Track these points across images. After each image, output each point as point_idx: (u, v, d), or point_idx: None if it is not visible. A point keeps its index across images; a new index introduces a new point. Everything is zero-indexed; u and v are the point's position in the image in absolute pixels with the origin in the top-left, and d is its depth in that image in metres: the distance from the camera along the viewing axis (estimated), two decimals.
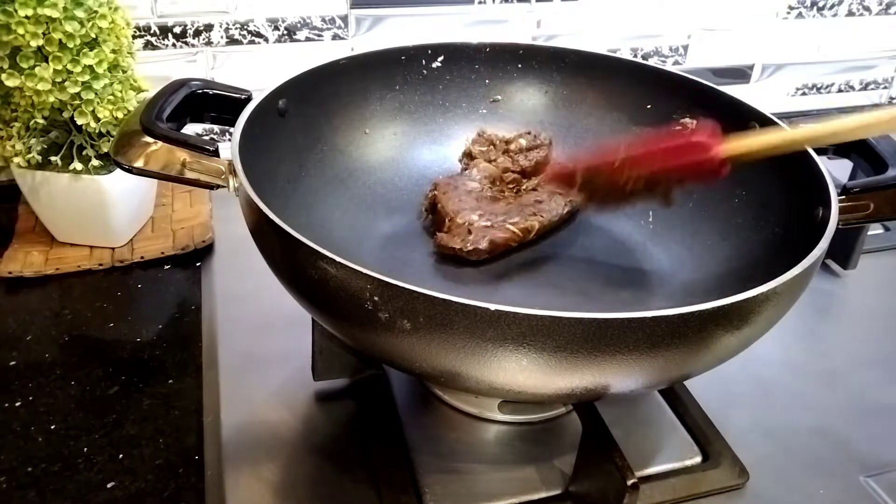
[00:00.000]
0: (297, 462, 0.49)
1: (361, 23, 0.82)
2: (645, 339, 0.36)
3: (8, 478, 0.47)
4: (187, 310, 0.62)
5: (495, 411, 0.52)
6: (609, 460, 0.43)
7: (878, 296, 0.70)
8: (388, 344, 0.40)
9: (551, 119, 0.68)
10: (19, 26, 0.55)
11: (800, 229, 0.49)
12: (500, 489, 0.48)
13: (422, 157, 0.66)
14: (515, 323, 0.35)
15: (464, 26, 0.85)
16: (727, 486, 0.49)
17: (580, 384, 0.38)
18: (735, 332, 0.39)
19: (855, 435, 0.54)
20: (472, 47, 0.66)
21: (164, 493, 0.47)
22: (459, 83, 0.67)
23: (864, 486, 0.50)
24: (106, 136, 0.63)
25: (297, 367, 0.55)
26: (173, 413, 0.53)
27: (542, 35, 0.89)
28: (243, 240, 0.46)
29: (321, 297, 0.41)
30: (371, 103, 0.64)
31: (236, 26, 0.78)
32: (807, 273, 0.41)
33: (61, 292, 0.64)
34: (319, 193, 0.59)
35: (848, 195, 0.48)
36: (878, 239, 0.76)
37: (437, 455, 0.50)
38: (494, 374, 0.38)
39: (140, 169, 0.47)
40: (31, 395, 0.54)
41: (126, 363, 0.57)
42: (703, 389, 0.55)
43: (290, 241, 0.40)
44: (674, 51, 0.95)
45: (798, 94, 1.06)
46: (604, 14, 0.90)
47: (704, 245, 0.58)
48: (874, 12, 1.02)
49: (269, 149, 0.54)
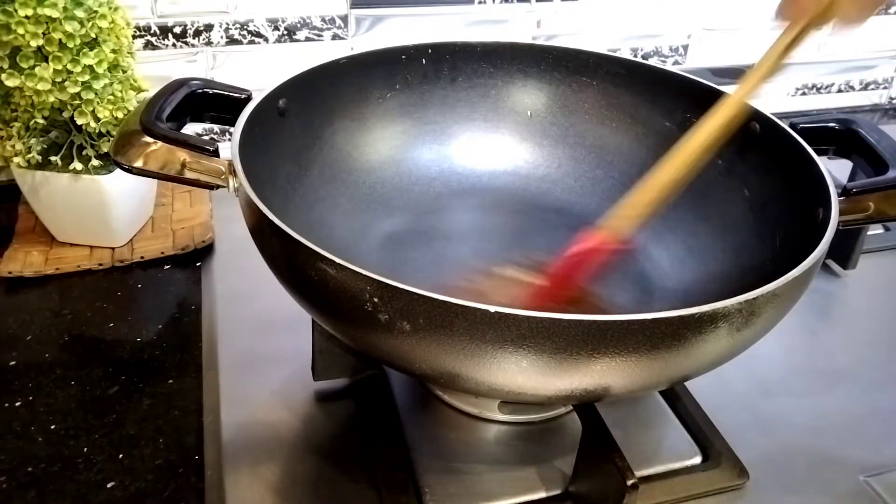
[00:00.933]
0: (297, 462, 0.49)
1: (361, 23, 0.81)
2: (645, 341, 0.36)
3: (8, 478, 0.47)
4: (187, 310, 0.62)
5: (495, 411, 0.52)
6: (609, 460, 0.43)
7: (878, 296, 0.70)
8: (387, 345, 0.40)
9: (551, 119, 0.68)
10: (19, 26, 0.55)
11: (800, 230, 0.49)
12: (500, 489, 0.48)
13: (422, 156, 0.66)
14: (515, 324, 0.35)
15: (464, 26, 0.85)
16: (727, 487, 0.49)
17: (580, 385, 0.38)
18: (735, 333, 0.39)
19: (855, 435, 0.54)
20: (473, 47, 0.66)
21: (164, 493, 0.47)
22: (460, 83, 0.67)
23: (864, 486, 0.50)
24: (106, 135, 0.63)
25: (297, 367, 0.55)
26: (173, 413, 0.53)
27: (543, 35, 0.89)
28: (243, 240, 0.46)
29: (321, 298, 0.41)
30: (371, 103, 0.64)
31: (236, 26, 0.78)
32: (807, 274, 0.41)
33: (61, 292, 0.64)
34: (319, 193, 0.59)
35: (848, 196, 0.48)
36: (878, 239, 0.76)
37: (437, 455, 0.50)
38: (494, 376, 0.38)
39: (140, 169, 0.47)
40: (30, 394, 0.54)
41: (126, 363, 0.57)
42: (703, 390, 0.55)
43: (289, 241, 0.40)
44: (674, 51, 0.95)
45: (798, 93, 1.05)
46: (604, 14, 0.90)
47: (704, 246, 0.58)
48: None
49: (269, 149, 0.53)
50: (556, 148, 0.68)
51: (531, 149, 0.68)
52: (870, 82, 1.09)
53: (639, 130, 0.65)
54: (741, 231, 0.56)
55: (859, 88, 1.09)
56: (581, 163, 0.67)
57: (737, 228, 0.56)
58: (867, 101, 1.10)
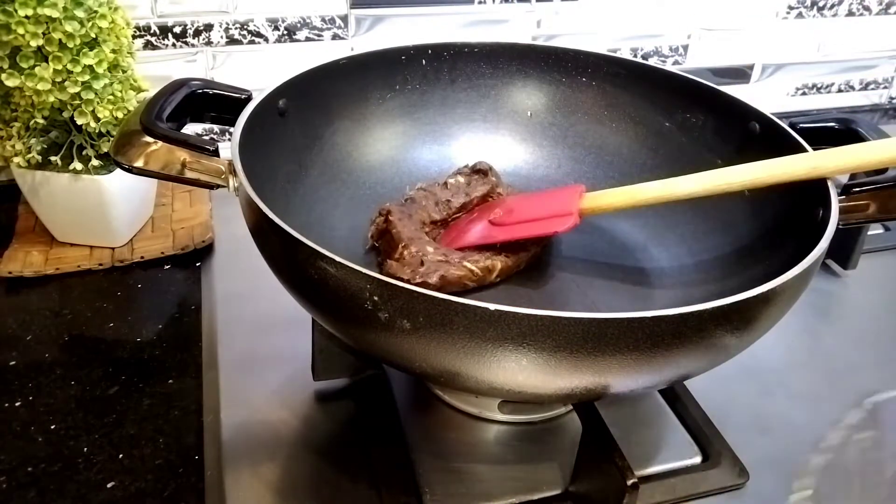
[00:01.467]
0: (296, 462, 0.49)
1: (361, 23, 0.82)
2: (645, 340, 0.36)
3: (8, 478, 0.47)
4: (187, 310, 0.62)
5: (495, 411, 0.52)
6: (609, 460, 0.43)
7: (879, 295, 0.70)
8: (387, 344, 0.40)
9: (551, 119, 0.68)
10: (19, 26, 0.55)
11: (800, 229, 0.49)
12: (500, 489, 0.48)
13: (422, 156, 0.66)
14: (515, 323, 0.35)
15: (464, 26, 0.85)
16: (727, 486, 0.49)
17: (580, 384, 0.38)
18: (735, 332, 0.39)
19: (855, 434, 0.54)
20: (473, 47, 0.66)
21: (163, 492, 0.47)
22: (459, 83, 0.67)
23: (863, 483, 0.50)
24: (106, 136, 0.63)
25: (297, 366, 0.55)
26: (173, 413, 0.53)
27: (542, 35, 0.89)
28: (243, 240, 0.46)
29: (321, 297, 0.41)
30: (371, 103, 0.64)
31: (236, 26, 0.78)
32: (807, 273, 0.41)
33: (61, 292, 0.64)
34: (319, 193, 0.59)
35: (848, 195, 0.48)
36: (878, 239, 0.76)
37: (437, 455, 0.50)
38: (494, 374, 0.38)
39: (140, 169, 0.47)
40: (30, 394, 0.54)
41: (126, 363, 0.57)
42: (703, 389, 0.55)
43: (289, 240, 0.40)
44: (673, 51, 0.95)
45: (798, 93, 1.06)
46: (604, 14, 0.90)
47: (704, 245, 0.58)
48: (874, 12, 1.02)
49: (269, 149, 0.54)
50: (556, 148, 0.68)
51: (531, 149, 0.68)
52: (870, 82, 1.09)
53: (639, 131, 0.65)
54: (741, 230, 0.56)
55: (859, 88, 1.09)
56: (581, 163, 0.67)
57: (737, 227, 0.56)
58: (867, 101, 1.11)
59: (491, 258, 0.56)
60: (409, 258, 0.55)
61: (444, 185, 0.63)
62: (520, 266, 0.58)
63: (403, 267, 0.54)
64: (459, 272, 0.54)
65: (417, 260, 0.54)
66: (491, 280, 0.56)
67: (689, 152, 0.61)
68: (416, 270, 0.53)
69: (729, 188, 0.50)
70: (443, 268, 0.54)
